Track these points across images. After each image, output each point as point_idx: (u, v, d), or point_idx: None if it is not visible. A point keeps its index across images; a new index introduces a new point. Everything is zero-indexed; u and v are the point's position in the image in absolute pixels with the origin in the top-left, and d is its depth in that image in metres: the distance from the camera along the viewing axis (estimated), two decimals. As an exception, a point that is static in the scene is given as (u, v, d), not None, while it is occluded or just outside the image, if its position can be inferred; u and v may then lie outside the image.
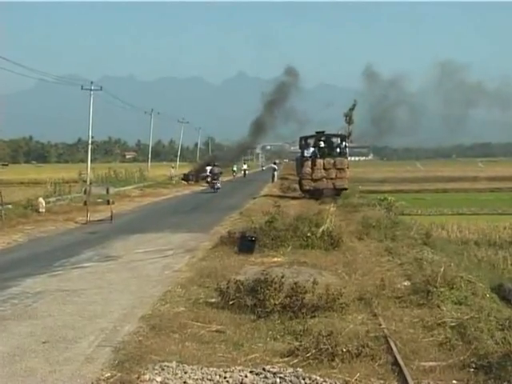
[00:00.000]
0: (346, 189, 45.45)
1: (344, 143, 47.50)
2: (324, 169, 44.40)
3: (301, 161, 46.14)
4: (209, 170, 61.85)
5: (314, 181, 44.50)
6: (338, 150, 46.68)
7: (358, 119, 77.93)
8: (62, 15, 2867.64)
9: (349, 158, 48.18)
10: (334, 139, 48.22)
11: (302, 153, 46.37)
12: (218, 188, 55.96)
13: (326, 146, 46.50)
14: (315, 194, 43.23)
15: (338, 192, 44.13)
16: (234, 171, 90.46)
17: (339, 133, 55.95)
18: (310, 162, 44.70)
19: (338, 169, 44.50)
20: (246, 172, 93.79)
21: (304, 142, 47.13)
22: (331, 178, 44.38)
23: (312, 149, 46.01)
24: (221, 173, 59.74)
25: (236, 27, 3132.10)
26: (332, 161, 44.61)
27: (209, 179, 61.19)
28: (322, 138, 47.19)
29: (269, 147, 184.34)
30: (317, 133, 48.05)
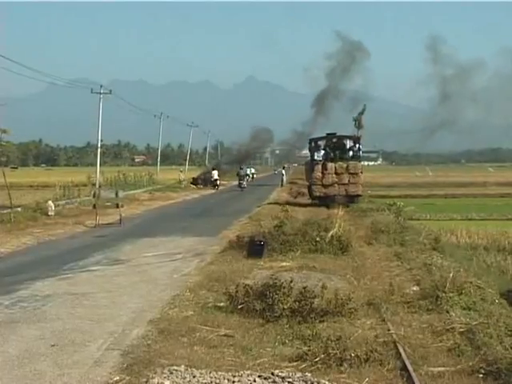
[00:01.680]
0: (359, 195, 41.92)
1: (357, 145, 43.57)
2: (336, 173, 40.95)
3: (311, 165, 42.92)
4: (216, 174, 65.95)
5: (325, 187, 40.93)
6: (351, 153, 43.12)
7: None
8: (73, 19, 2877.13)
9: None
10: (347, 141, 44.50)
11: (312, 156, 42.96)
12: (244, 187, 64.86)
13: (338, 148, 43.31)
14: (326, 201, 39.64)
15: (351, 199, 40.78)
16: (248, 175, 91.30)
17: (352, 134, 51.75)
18: (320, 166, 41.27)
19: (351, 173, 41.00)
20: (254, 176, 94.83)
21: (314, 145, 43.58)
22: (344, 184, 40.85)
23: (323, 151, 42.67)
24: (246, 175, 70.79)
25: (246, 31, 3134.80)
26: (344, 165, 41.10)
27: (218, 182, 66.80)
28: (334, 140, 43.94)
29: (278, 151, 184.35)
30: (328, 134, 44.94)
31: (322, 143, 43.71)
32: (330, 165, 41.15)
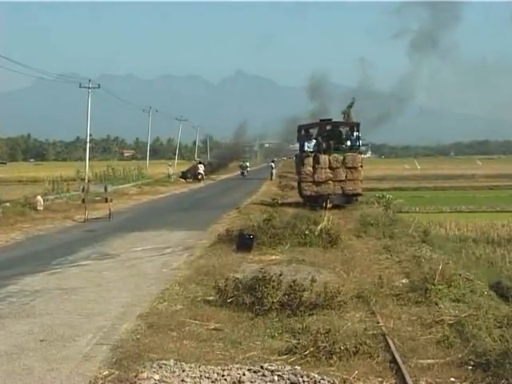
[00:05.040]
0: (359, 194, 35.64)
1: (356, 133, 36.58)
2: (330, 168, 34.43)
3: (300, 157, 36.46)
4: (201, 168, 70.96)
5: (317, 184, 34.44)
6: (349, 142, 36.31)
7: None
8: (62, 14, 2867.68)
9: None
10: (343, 128, 38.06)
11: (302, 146, 36.36)
12: (245, 175, 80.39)
13: (333, 137, 36.70)
14: (318, 202, 32.55)
15: (348, 199, 34.88)
16: (248, 166, 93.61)
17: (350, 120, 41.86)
18: (311, 159, 34.77)
19: (348, 168, 34.45)
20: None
21: (304, 133, 37.06)
22: (340, 181, 34.34)
23: (314, 141, 36.11)
24: (247, 166, 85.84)
25: (234, 25, 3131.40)
26: (341, 157, 34.49)
27: (200, 176, 69.76)
28: (327, 128, 37.50)
29: (267, 145, 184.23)
30: (321, 120, 38.87)
31: (313, 131, 37.64)
32: (323, 157, 34.65)
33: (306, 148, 35.85)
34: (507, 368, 8.68)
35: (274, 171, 75.39)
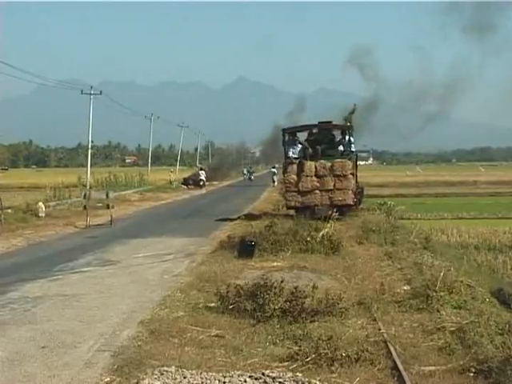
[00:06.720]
0: (349, 205, 31.17)
1: (348, 137, 32.41)
2: (316, 176, 30.58)
3: (284, 164, 32.58)
4: (203, 175, 72.30)
5: (303, 194, 30.57)
6: (342, 147, 32.27)
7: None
8: (63, 20, 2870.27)
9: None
10: (336, 132, 33.79)
11: (286, 152, 32.11)
12: (252, 179, 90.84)
13: (324, 141, 32.80)
14: (305, 214, 28.56)
15: (339, 210, 29.14)
16: (253, 171, 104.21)
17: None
18: (295, 167, 31.00)
19: (337, 176, 30.41)
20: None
21: (290, 138, 32.61)
22: (327, 190, 30.41)
23: (300, 146, 32.29)
24: (253, 171, 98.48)
25: (235, 31, 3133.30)
26: (328, 164, 30.51)
27: (201, 183, 70.75)
28: (314, 131, 33.41)
29: (270, 152, 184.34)
30: (320, 123, 33.92)
31: (302, 135, 33.80)
32: (309, 164, 30.81)
33: (290, 154, 31.89)
34: (509, 375, 8.66)
35: (275, 177, 75.24)
